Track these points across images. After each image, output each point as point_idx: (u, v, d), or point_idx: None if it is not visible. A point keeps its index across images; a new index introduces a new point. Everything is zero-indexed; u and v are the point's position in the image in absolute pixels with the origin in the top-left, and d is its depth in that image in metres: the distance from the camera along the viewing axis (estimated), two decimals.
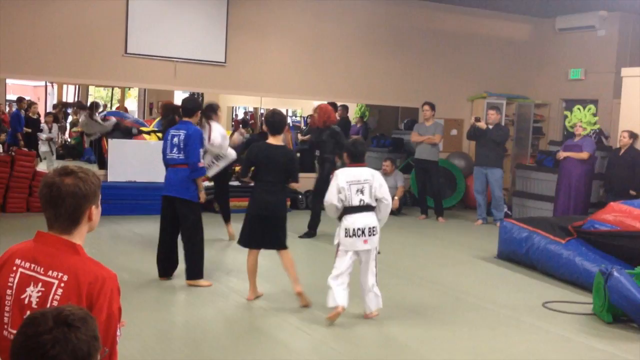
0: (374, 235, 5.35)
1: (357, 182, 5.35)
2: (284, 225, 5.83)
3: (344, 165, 5.86)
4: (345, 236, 5.31)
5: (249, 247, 5.82)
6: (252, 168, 5.86)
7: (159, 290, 6.11)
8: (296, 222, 9.40)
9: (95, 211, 2.26)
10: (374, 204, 5.37)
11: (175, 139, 6.21)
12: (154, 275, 6.39)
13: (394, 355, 4.84)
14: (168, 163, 6.29)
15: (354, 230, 5.29)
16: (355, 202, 5.31)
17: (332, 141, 8.65)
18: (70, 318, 1.68)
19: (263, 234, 5.74)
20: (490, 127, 10.48)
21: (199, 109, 6.48)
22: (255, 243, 5.79)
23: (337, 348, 4.85)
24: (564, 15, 12.59)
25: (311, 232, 8.89)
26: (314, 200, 8.82)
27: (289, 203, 10.63)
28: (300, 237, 8.68)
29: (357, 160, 5.52)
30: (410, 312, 5.82)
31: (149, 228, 8.30)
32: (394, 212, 10.75)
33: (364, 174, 5.40)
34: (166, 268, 6.37)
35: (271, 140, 5.82)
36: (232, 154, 7.90)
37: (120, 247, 7.81)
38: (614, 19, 12.09)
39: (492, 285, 6.95)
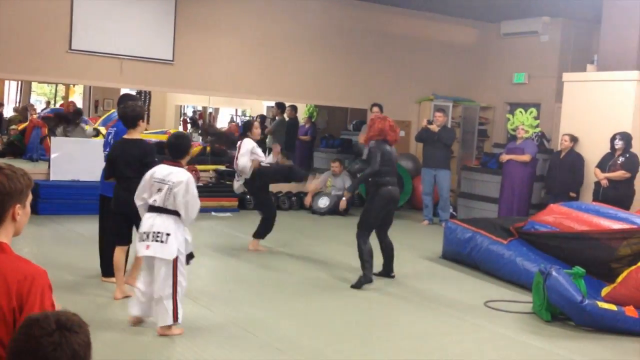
0: (161, 242, 4.77)
1: (160, 180, 4.86)
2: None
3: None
4: (138, 240, 4.94)
5: (117, 245, 5.74)
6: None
7: (101, 290, 6.01)
8: (245, 223, 9.40)
9: (21, 211, 2.22)
10: (172, 207, 4.83)
11: (110, 137, 6.30)
12: (97, 275, 6.29)
13: (334, 354, 4.86)
14: None
15: (140, 234, 4.89)
16: (150, 201, 4.89)
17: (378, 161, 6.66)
18: (69, 323, 1.73)
19: (129, 229, 5.68)
20: (438, 129, 10.65)
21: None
22: (120, 239, 5.73)
23: (281, 348, 4.85)
24: (508, 20, 12.87)
25: (384, 272, 7.12)
26: (358, 232, 6.77)
27: (232, 203, 10.63)
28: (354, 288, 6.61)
29: (174, 156, 5.02)
30: (353, 311, 5.86)
31: (92, 228, 8.13)
32: (341, 213, 10.89)
33: (173, 175, 4.86)
34: (109, 267, 6.27)
35: (127, 134, 5.71)
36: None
37: (62, 247, 7.65)
38: (557, 25, 12.41)
39: (435, 284, 7.05)
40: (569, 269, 5.90)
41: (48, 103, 20.47)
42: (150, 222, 4.85)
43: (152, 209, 4.89)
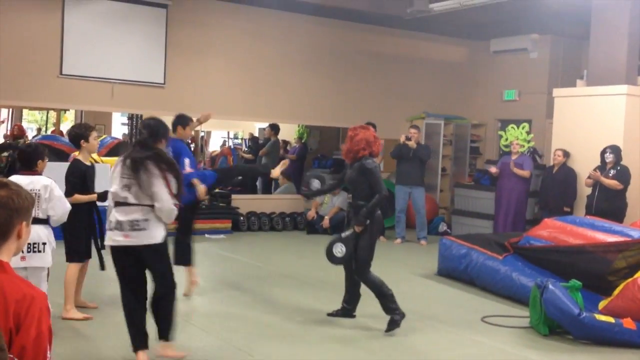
0: (35, 252, 4.77)
1: None
2: (66, 237, 5.66)
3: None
4: None
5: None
6: None
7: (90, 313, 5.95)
8: (239, 244, 9.37)
9: (25, 229, 2.18)
10: (42, 216, 4.85)
11: None
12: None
13: None
14: None
15: None
16: None
17: (364, 181, 5.74)
18: None
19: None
20: (415, 145, 10.53)
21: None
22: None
23: None
24: (498, 38, 12.96)
25: (347, 308, 6.16)
26: (359, 272, 5.86)
27: (225, 224, 10.46)
28: (330, 314, 6.16)
29: (26, 166, 5.00)
30: (350, 328, 5.81)
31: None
32: (325, 231, 10.79)
33: (34, 183, 4.85)
34: None
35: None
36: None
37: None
38: (545, 41, 12.51)
39: (432, 301, 7.02)
40: (565, 283, 5.88)
41: (39, 130, 20.41)
42: None
43: None
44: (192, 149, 17.28)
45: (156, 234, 4.49)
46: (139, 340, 4.53)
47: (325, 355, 5.17)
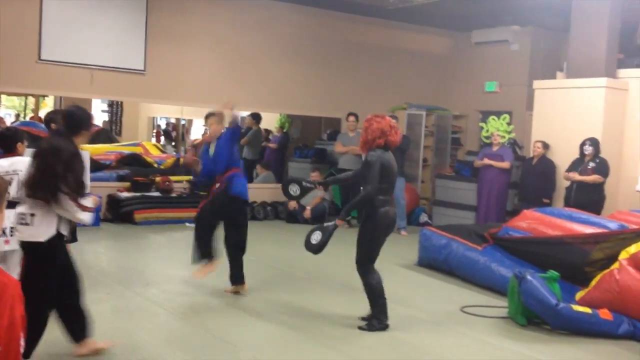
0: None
1: (5, 173, 4.55)
2: None
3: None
4: None
5: None
6: None
7: None
8: (219, 233, 9.28)
9: (1, 215, 2.17)
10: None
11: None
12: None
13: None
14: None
15: None
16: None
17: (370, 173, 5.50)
18: None
19: None
20: None
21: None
22: None
23: (260, 358, 4.80)
24: (479, 29, 13.00)
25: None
26: (358, 266, 5.82)
27: None
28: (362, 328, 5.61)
29: (6, 149, 4.95)
30: (331, 318, 5.83)
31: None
32: (307, 222, 10.80)
33: (17, 164, 4.67)
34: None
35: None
36: None
37: None
38: (526, 33, 12.57)
39: (412, 291, 7.06)
40: (543, 273, 5.93)
41: (17, 116, 20.20)
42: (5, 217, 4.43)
43: (9, 204, 4.28)
44: (174, 136, 17.23)
45: (37, 232, 4.09)
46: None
47: (310, 345, 5.19)
